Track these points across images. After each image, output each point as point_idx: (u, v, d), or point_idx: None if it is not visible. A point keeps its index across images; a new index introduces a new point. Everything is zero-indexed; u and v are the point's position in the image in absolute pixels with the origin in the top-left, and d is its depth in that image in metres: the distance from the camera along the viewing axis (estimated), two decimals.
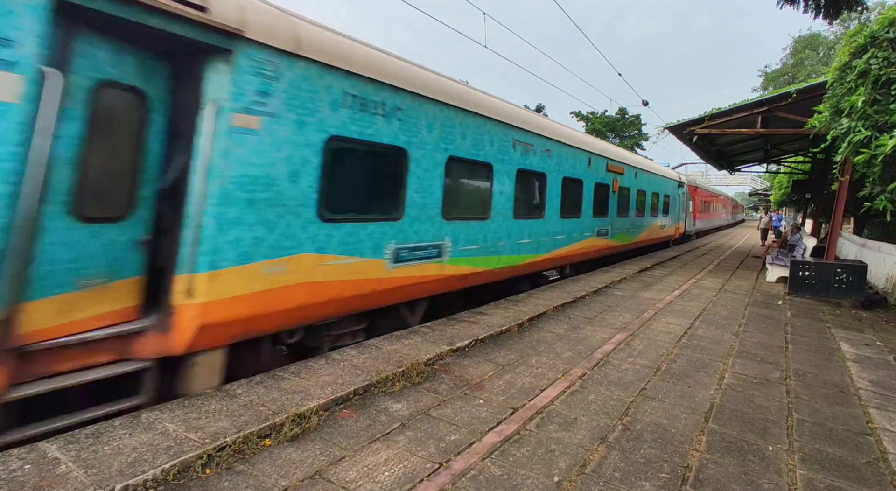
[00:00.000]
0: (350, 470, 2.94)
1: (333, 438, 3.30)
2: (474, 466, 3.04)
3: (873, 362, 5.71)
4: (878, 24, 7.57)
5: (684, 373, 4.96)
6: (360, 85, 5.03)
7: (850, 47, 7.97)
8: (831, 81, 8.48)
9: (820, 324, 7.60)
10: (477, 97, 7.13)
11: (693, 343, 6.06)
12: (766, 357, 5.66)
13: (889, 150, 6.54)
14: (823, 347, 6.29)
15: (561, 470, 3.05)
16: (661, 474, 3.06)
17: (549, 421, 3.73)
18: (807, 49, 37.02)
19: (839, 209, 10.32)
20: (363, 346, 5.12)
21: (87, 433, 3.03)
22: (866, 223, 15.86)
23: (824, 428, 3.88)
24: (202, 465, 2.86)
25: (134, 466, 2.71)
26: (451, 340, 5.39)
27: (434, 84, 6.16)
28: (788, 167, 24.75)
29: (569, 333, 6.22)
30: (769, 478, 3.09)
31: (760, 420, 3.94)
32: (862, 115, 7.29)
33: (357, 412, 3.71)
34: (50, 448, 2.84)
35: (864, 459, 3.42)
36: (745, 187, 62.92)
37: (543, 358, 5.20)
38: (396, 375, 4.33)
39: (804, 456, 3.41)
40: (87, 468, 2.67)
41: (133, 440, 2.98)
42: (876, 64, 7.27)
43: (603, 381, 4.62)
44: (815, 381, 4.97)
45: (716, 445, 3.49)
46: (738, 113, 13.26)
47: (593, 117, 42.35)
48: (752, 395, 4.48)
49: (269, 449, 3.13)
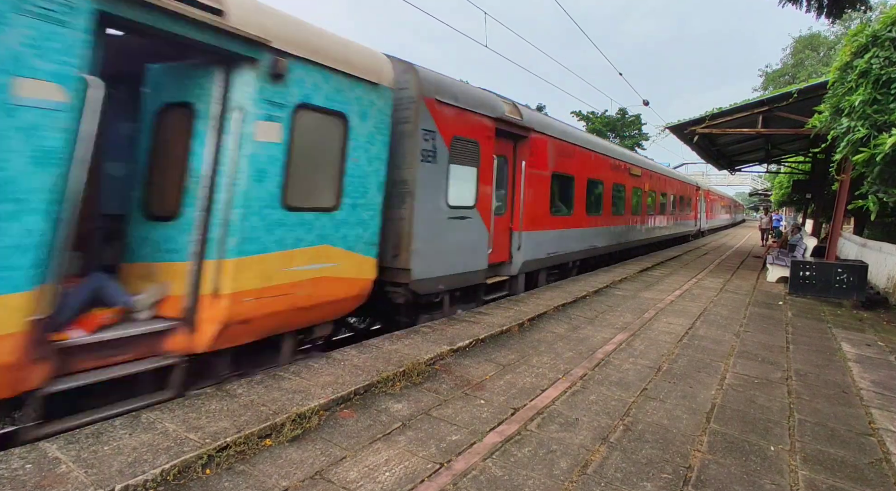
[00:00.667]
0: (351, 470, 2.94)
1: (334, 439, 3.30)
2: (475, 467, 3.03)
3: (875, 363, 5.70)
4: (881, 24, 7.55)
5: (685, 373, 4.95)
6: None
7: (852, 47, 7.95)
8: (832, 81, 8.46)
9: (821, 324, 7.59)
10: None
11: (694, 343, 6.05)
12: (768, 357, 5.65)
13: (888, 149, 6.53)
14: (824, 347, 6.28)
15: (562, 470, 3.04)
16: (663, 475, 3.05)
17: (550, 421, 3.72)
18: (807, 49, 36.98)
19: (840, 209, 10.31)
20: (364, 346, 5.11)
21: (87, 433, 3.02)
22: (867, 223, 15.84)
23: (826, 428, 3.87)
24: (202, 465, 2.85)
25: (134, 467, 2.70)
26: (451, 340, 5.38)
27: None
28: (789, 167, 24.74)
29: (570, 333, 6.21)
30: (771, 478, 3.08)
31: (762, 420, 3.93)
32: (861, 115, 7.28)
33: (358, 412, 3.71)
34: (50, 448, 2.83)
35: (867, 460, 3.41)
36: (745, 187, 62.96)
37: (544, 358, 5.19)
38: (397, 375, 4.33)
39: (806, 457, 3.40)
40: (87, 468, 2.66)
41: (133, 440, 2.98)
42: (877, 63, 7.25)
43: (604, 381, 4.61)
44: (817, 381, 4.96)
45: (717, 445, 3.48)
46: (739, 113, 13.25)
47: (594, 117, 42.36)
48: (753, 395, 4.47)
49: (269, 449, 3.12)
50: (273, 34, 4.01)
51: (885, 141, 6.56)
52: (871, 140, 7.02)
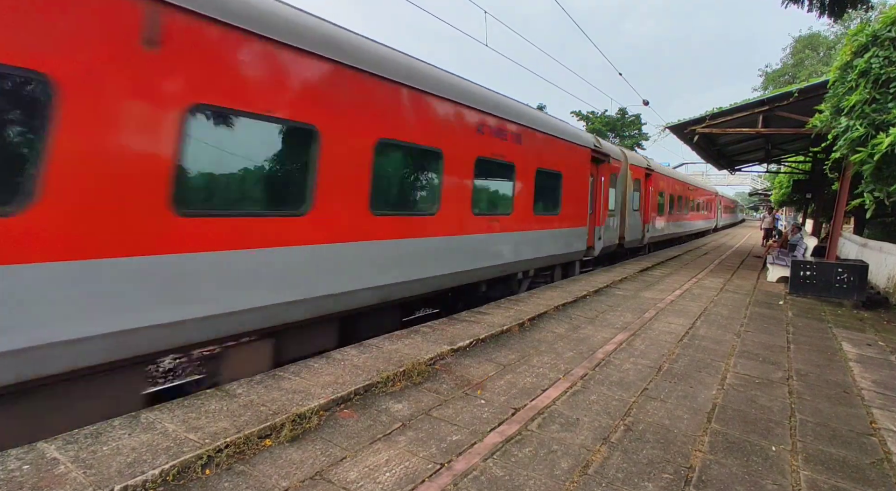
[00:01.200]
0: (351, 471, 2.92)
1: (334, 439, 3.28)
2: (476, 467, 3.02)
3: (875, 362, 5.69)
4: (881, 23, 7.55)
5: (686, 373, 4.94)
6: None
7: (852, 46, 7.94)
8: (832, 81, 8.45)
9: (821, 324, 7.58)
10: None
11: (695, 343, 6.04)
12: (768, 357, 5.64)
13: (885, 148, 6.53)
14: (825, 347, 6.27)
15: (563, 471, 3.03)
16: (664, 475, 3.04)
17: (550, 421, 3.71)
18: (807, 49, 36.99)
19: (840, 209, 10.30)
20: (364, 345, 5.10)
21: (86, 433, 3.01)
22: (867, 223, 15.84)
23: (827, 428, 3.86)
24: (202, 465, 2.83)
25: (133, 467, 2.69)
26: (451, 340, 5.37)
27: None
28: (789, 167, 24.73)
29: (570, 333, 6.19)
30: (773, 479, 3.07)
31: (763, 420, 3.92)
32: (860, 114, 7.28)
33: (358, 412, 3.69)
34: (48, 448, 2.82)
35: (868, 460, 3.39)
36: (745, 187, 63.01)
37: (545, 358, 5.18)
38: (397, 375, 4.31)
39: (807, 457, 3.39)
40: (85, 469, 2.64)
41: (132, 440, 2.96)
42: (877, 63, 7.25)
43: (605, 381, 4.60)
44: (818, 381, 4.95)
45: (718, 445, 3.47)
46: (740, 112, 13.23)
47: (594, 117, 42.36)
48: (754, 395, 4.46)
49: (269, 449, 3.11)
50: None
51: (883, 140, 6.57)
52: (870, 139, 7.02)
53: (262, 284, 4.42)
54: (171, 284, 3.77)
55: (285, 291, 4.63)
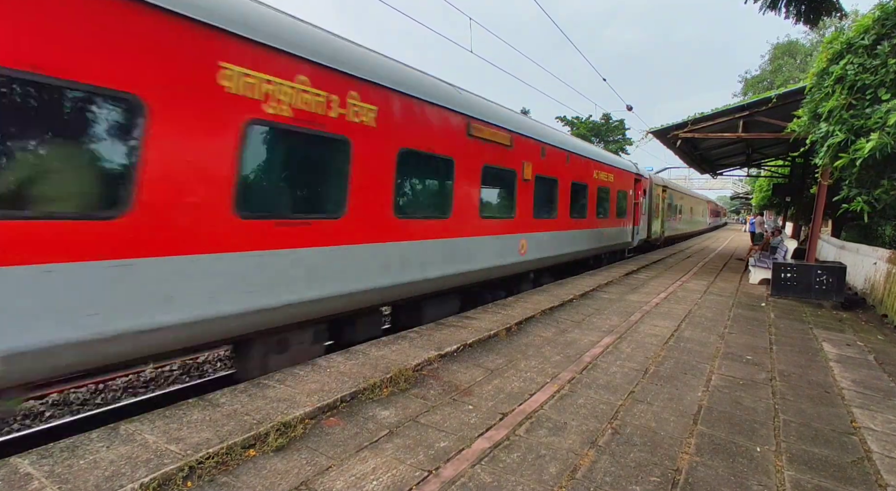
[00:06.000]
0: (337, 480, 2.88)
1: (320, 448, 3.23)
2: (464, 473, 3.00)
3: (855, 362, 5.80)
4: (854, 32, 7.76)
5: (672, 375, 4.98)
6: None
7: (828, 53, 8.15)
8: (810, 87, 8.66)
9: (802, 325, 7.71)
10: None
11: (680, 345, 6.10)
12: (752, 358, 5.72)
13: (866, 153, 6.68)
14: (807, 347, 6.37)
15: (551, 476, 3.01)
16: (652, 478, 3.05)
17: (538, 426, 3.70)
18: (785, 55, 37.92)
19: (819, 212, 10.52)
20: (350, 352, 5.05)
21: (61, 447, 2.91)
22: (844, 226, 16.21)
23: (810, 428, 3.92)
24: (183, 477, 2.76)
25: (111, 481, 2.61)
26: (439, 345, 5.34)
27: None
28: (769, 171, 25.26)
29: (557, 337, 6.21)
30: (758, 479, 3.10)
31: (748, 422, 3.96)
32: (839, 119, 7.45)
33: (344, 420, 3.64)
34: (22, 463, 2.72)
35: (850, 459, 3.45)
36: (726, 191, 64.25)
37: (532, 362, 5.18)
38: (384, 382, 4.27)
39: (791, 457, 3.43)
40: (61, 484, 2.56)
41: (110, 453, 2.88)
42: (852, 70, 7.45)
43: (592, 384, 4.61)
44: (800, 381, 5.02)
45: (705, 447, 3.49)
46: (721, 117, 13.49)
47: (578, 122, 42.79)
48: (738, 396, 4.51)
49: (253, 460, 3.04)
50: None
51: (864, 146, 6.72)
52: (850, 145, 7.18)
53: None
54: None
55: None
